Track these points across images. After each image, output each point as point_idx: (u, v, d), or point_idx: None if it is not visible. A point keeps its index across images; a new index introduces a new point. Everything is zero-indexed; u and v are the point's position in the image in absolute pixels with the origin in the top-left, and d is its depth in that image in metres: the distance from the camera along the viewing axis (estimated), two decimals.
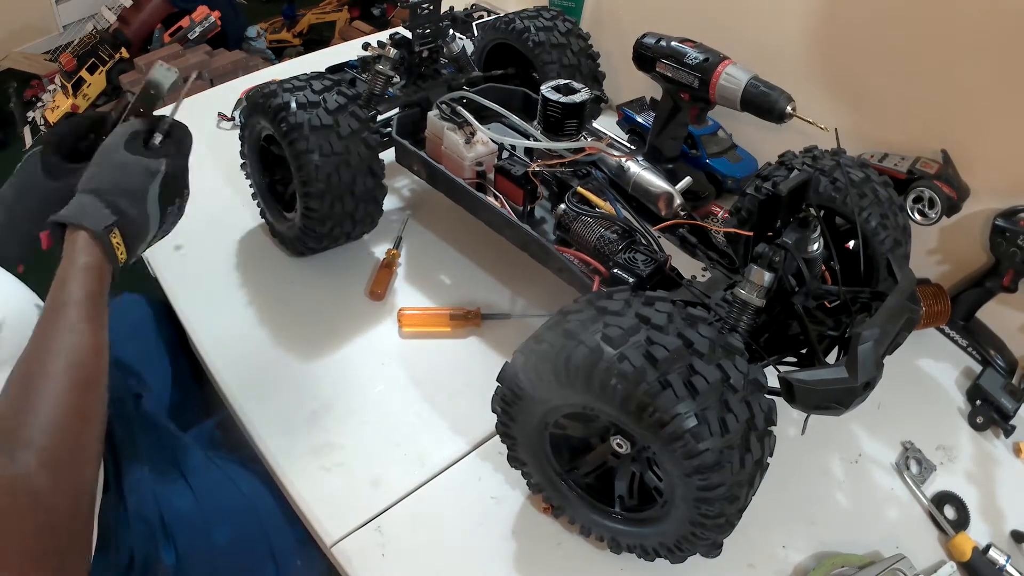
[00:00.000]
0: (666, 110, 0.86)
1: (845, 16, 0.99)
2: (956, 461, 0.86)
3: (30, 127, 2.53)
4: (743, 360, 0.58)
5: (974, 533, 0.78)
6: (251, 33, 2.81)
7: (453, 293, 0.99)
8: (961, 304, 0.97)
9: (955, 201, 0.90)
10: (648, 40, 0.84)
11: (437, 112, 0.95)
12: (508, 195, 0.90)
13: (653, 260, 0.79)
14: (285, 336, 0.92)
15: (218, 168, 1.15)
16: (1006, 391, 0.89)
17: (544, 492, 0.73)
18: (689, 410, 0.54)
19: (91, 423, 0.55)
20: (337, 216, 0.91)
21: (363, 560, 0.71)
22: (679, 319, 0.58)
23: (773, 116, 0.75)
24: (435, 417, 0.84)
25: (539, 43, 1.08)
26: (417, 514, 0.76)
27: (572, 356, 0.57)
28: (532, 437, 0.68)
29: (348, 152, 0.87)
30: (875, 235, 0.79)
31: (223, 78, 2.37)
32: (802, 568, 0.74)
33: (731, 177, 1.14)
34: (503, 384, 0.66)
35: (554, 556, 0.73)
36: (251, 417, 0.83)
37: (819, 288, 0.72)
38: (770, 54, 0.94)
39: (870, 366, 0.59)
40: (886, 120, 1.00)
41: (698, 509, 0.58)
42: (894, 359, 0.67)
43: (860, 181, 0.81)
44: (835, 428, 0.86)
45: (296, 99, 0.86)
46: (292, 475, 0.78)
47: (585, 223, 0.83)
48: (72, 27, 2.98)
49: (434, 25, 1.03)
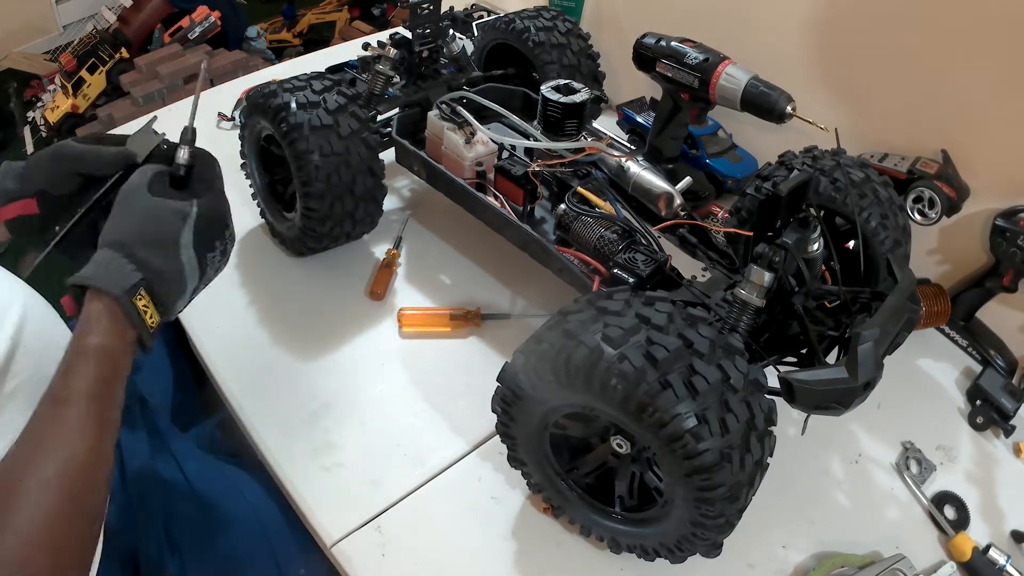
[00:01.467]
0: (666, 110, 0.86)
1: (845, 16, 0.99)
2: (956, 461, 0.86)
3: (30, 127, 2.53)
4: (743, 360, 0.58)
5: (974, 533, 0.78)
6: (251, 33, 2.81)
7: (453, 293, 0.99)
8: (961, 304, 0.97)
9: (955, 201, 0.90)
10: (648, 40, 0.84)
11: (437, 112, 0.95)
12: (508, 195, 0.90)
13: (653, 260, 0.79)
14: (285, 336, 0.92)
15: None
16: (1006, 391, 0.89)
17: (544, 492, 0.73)
18: (689, 410, 0.54)
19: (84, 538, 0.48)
20: (337, 216, 0.91)
21: (363, 560, 0.71)
22: (679, 319, 0.58)
23: (773, 116, 0.74)
24: (435, 417, 0.84)
25: (539, 43, 1.08)
26: (417, 514, 0.76)
27: (572, 356, 0.57)
28: (532, 437, 0.68)
29: (348, 152, 0.87)
30: (875, 235, 0.79)
31: (223, 78, 2.37)
32: (802, 568, 0.74)
33: (731, 177, 1.13)
34: (503, 384, 0.66)
35: (554, 556, 0.73)
36: (251, 417, 0.83)
37: (819, 288, 0.72)
38: (770, 54, 0.94)
39: (870, 366, 0.59)
40: (886, 120, 1.00)
41: (698, 509, 0.58)
42: (894, 359, 0.67)
43: (860, 181, 0.81)
44: (835, 428, 0.86)
45: (296, 99, 0.86)
46: (292, 475, 0.78)
47: (585, 223, 0.83)
48: (72, 27, 2.98)
49: (434, 25, 1.03)
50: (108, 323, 0.51)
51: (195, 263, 0.55)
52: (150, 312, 0.53)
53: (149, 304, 0.53)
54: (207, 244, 0.56)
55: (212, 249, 0.57)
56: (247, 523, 0.78)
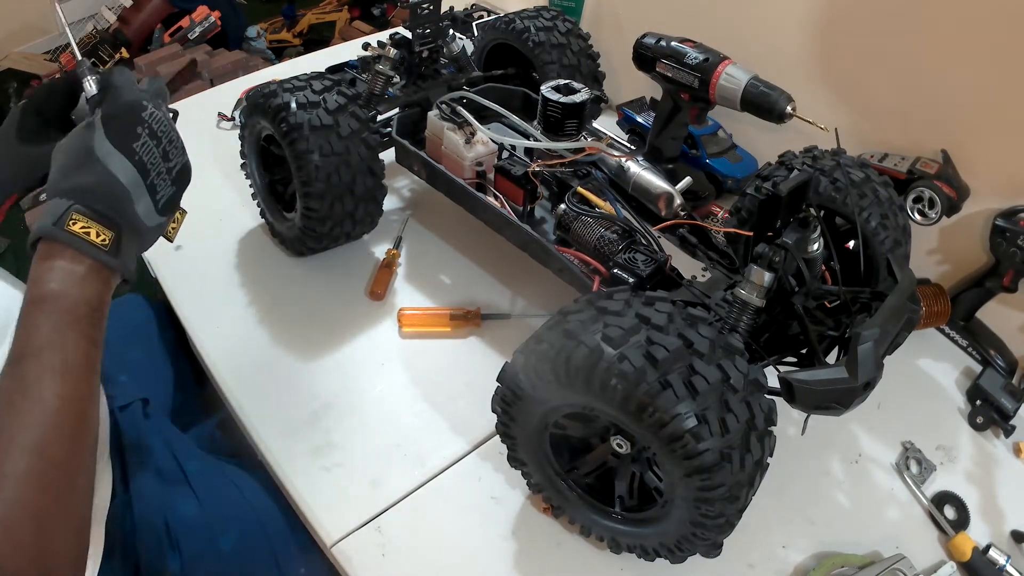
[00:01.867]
0: (666, 110, 0.86)
1: (845, 16, 0.99)
2: (956, 461, 0.86)
3: None
4: (743, 360, 0.58)
5: (974, 533, 0.78)
6: (251, 33, 2.81)
7: (453, 293, 0.99)
8: (961, 304, 0.97)
9: (955, 201, 0.90)
10: (648, 40, 0.84)
11: (437, 112, 0.95)
12: (508, 195, 0.90)
13: (653, 260, 0.79)
14: (285, 336, 0.92)
15: (218, 168, 1.15)
16: (1006, 391, 0.89)
17: (544, 492, 0.73)
18: (689, 410, 0.54)
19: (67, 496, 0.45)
20: (337, 216, 0.91)
21: (363, 560, 0.71)
22: (679, 319, 0.58)
23: (773, 116, 0.74)
24: (435, 417, 0.84)
25: (539, 43, 1.08)
26: (417, 514, 0.76)
27: (572, 356, 0.57)
28: (532, 437, 0.68)
29: (348, 152, 0.87)
30: (875, 235, 0.79)
31: (223, 78, 2.38)
32: (802, 568, 0.74)
33: (731, 177, 1.13)
34: (503, 384, 0.66)
35: (554, 556, 0.73)
36: (251, 417, 0.83)
37: (819, 288, 0.72)
38: (770, 54, 0.94)
39: (870, 366, 0.59)
40: (886, 120, 1.00)
41: (698, 509, 0.58)
42: (894, 359, 0.67)
43: (860, 181, 0.81)
44: (835, 428, 0.86)
45: (296, 99, 0.86)
46: (292, 475, 0.77)
47: (585, 223, 0.83)
48: (72, 27, 2.98)
49: (434, 25, 1.03)
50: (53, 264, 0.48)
51: (122, 159, 0.51)
52: (94, 231, 0.49)
53: (90, 224, 0.49)
54: (126, 135, 0.52)
55: (136, 137, 0.52)
56: (247, 523, 0.78)
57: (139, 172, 0.52)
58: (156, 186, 0.53)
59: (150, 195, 0.53)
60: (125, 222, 0.51)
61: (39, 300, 0.47)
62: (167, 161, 0.54)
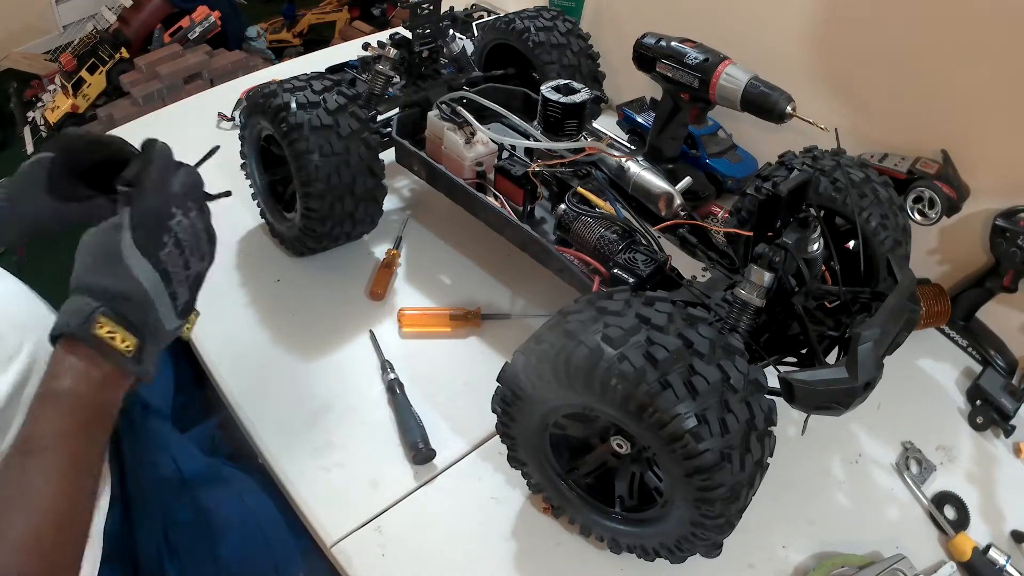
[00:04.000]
0: (666, 110, 0.86)
1: (845, 16, 0.99)
2: (956, 461, 0.86)
3: (30, 127, 2.53)
4: (743, 360, 0.58)
5: (974, 533, 0.78)
6: (251, 33, 2.81)
7: (453, 293, 0.99)
8: (961, 304, 0.97)
9: (955, 201, 0.90)
10: (648, 40, 0.84)
11: (437, 112, 0.95)
12: (508, 195, 0.90)
13: (653, 260, 0.79)
14: (285, 336, 0.92)
15: (218, 168, 1.14)
16: (1006, 391, 0.89)
17: (544, 492, 0.73)
18: (689, 410, 0.54)
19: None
20: (337, 216, 0.91)
21: (363, 560, 0.71)
22: (679, 319, 0.58)
23: (773, 116, 0.75)
24: (435, 417, 0.84)
25: (539, 43, 1.08)
26: (417, 514, 0.76)
27: (572, 356, 0.57)
28: (532, 437, 0.68)
29: (348, 152, 0.87)
30: (875, 235, 0.79)
31: (223, 78, 2.38)
32: (802, 568, 0.74)
33: (731, 177, 1.13)
34: (503, 384, 0.66)
35: (554, 556, 0.73)
36: (251, 417, 0.83)
37: (819, 288, 0.72)
38: (770, 54, 0.94)
39: (870, 366, 0.59)
40: (886, 120, 1.00)
41: (698, 509, 0.58)
42: (894, 359, 0.67)
43: (860, 181, 0.81)
44: (835, 428, 0.86)
45: (296, 99, 0.86)
46: (292, 475, 0.78)
47: (585, 223, 0.83)
48: (72, 27, 2.98)
49: (434, 25, 1.03)
50: (73, 363, 0.48)
51: (147, 266, 0.51)
52: (119, 337, 0.49)
53: (116, 328, 0.49)
54: (154, 243, 0.52)
55: (162, 246, 0.52)
56: (246, 526, 0.78)
57: (162, 279, 0.53)
58: (177, 293, 0.54)
59: (171, 301, 0.54)
60: (148, 328, 0.52)
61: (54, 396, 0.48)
62: (187, 269, 0.55)
